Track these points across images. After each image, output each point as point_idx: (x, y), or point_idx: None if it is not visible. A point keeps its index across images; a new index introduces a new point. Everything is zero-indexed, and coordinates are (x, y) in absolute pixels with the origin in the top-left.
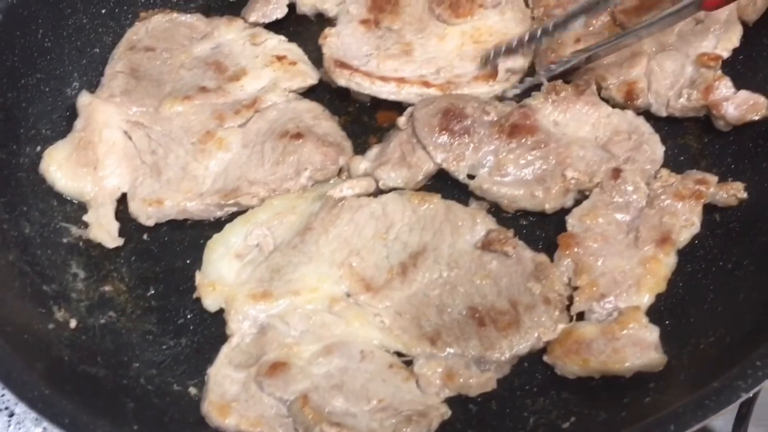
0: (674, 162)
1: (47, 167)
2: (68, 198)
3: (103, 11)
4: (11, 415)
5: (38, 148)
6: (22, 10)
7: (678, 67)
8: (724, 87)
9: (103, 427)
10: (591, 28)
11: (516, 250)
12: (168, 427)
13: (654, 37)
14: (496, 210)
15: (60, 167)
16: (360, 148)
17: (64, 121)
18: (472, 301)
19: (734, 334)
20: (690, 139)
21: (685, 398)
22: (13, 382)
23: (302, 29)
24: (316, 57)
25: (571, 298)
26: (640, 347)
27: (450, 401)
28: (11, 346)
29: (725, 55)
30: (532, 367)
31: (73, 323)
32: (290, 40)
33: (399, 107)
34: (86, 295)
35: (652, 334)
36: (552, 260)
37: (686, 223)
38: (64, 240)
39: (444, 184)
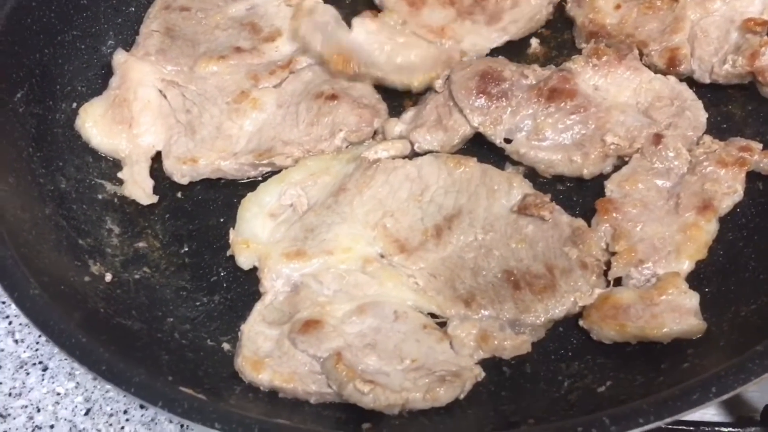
0: (717, 130)
1: (83, 123)
2: (103, 155)
3: None
4: (45, 369)
5: (74, 105)
6: None
7: (722, 33)
8: None
9: (139, 375)
10: None
11: (553, 214)
12: (202, 380)
13: (698, 2)
14: (532, 174)
15: (95, 124)
16: (395, 111)
17: (100, 79)
18: (507, 265)
19: None
20: (734, 107)
21: (726, 364)
22: (51, 330)
23: None
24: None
25: (608, 264)
26: (679, 313)
27: (484, 363)
28: (48, 296)
29: None
30: (568, 332)
31: (108, 277)
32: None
33: None
34: (121, 251)
35: (691, 300)
36: (589, 225)
37: (729, 190)
38: (99, 196)
39: (480, 148)
